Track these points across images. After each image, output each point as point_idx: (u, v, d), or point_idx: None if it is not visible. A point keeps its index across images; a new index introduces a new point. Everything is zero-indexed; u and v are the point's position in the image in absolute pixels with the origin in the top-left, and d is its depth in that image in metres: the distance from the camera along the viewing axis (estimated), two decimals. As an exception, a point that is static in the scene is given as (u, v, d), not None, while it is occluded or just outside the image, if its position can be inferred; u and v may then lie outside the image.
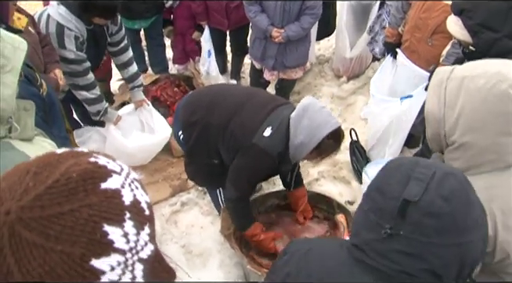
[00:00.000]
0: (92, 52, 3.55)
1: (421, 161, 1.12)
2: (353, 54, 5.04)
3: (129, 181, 0.83)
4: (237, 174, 2.91)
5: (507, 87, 1.36)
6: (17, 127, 1.43)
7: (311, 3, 4.04)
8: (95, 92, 3.60)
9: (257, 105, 2.91)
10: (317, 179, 4.11)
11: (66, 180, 0.75)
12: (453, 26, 2.21)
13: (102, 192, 0.77)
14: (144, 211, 0.84)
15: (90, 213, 0.74)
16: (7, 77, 1.35)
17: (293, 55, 4.34)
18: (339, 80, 5.33)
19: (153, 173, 4.12)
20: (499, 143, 1.40)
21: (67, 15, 3.27)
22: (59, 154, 0.81)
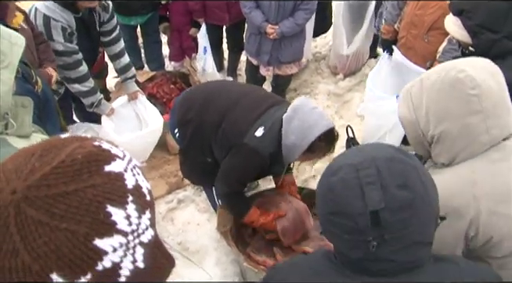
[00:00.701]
0: (86, 44, 3.54)
1: (354, 158, 1.12)
2: (350, 51, 5.03)
3: (131, 167, 0.84)
4: (227, 173, 2.91)
5: (456, 73, 1.45)
6: (13, 124, 1.42)
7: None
8: (87, 85, 3.57)
9: (251, 104, 2.90)
10: (314, 176, 4.11)
11: (71, 162, 0.76)
12: (452, 27, 2.22)
13: (106, 174, 0.78)
14: (145, 196, 0.85)
15: (94, 193, 0.75)
16: (3, 74, 1.35)
17: (288, 51, 4.34)
18: (335, 78, 5.33)
19: (150, 170, 4.11)
20: (467, 124, 1.46)
21: (53, 5, 3.26)
22: (64, 138, 0.83)
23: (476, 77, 1.43)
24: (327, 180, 1.14)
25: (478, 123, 1.45)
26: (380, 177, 1.06)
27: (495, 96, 1.46)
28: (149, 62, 5.22)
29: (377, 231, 1.05)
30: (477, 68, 1.47)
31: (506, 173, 1.47)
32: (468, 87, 1.43)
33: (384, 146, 1.17)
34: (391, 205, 1.04)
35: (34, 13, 3.26)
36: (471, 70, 1.45)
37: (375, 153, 1.11)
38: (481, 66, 1.50)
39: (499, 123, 1.46)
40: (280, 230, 3.08)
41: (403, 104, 1.59)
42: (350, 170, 1.09)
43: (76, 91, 3.57)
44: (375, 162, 1.08)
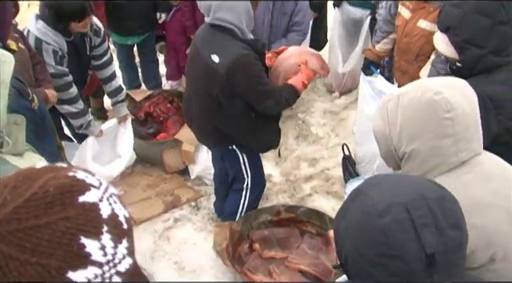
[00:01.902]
0: (76, 66, 3.58)
1: (400, 196, 1.10)
2: (345, 69, 5.08)
3: (107, 195, 0.84)
4: (256, 91, 2.92)
5: (432, 95, 1.47)
6: (9, 142, 1.44)
7: (298, 19, 4.08)
8: (77, 106, 3.61)
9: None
10: (310, 194, 4.12)
11: (43, 194, 0.76)
12: (440, 44, 2.26)
13: (80, 205, 0.78)
14: (122, 225, 0.84)
15: (67, 225, 0.75)
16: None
17: None
18: (331, 96, 5.37)
19: (146, 188, 4.12)
20: (438, 146, 1.49)
21: (45, 29, 3.31)
22: (39, 169, 0.83)
23: (451, 100, 1.46)
24: (376, 222, 1.08)
25: (449, 146, 1.48)
26: (433, 217, 1.05)
27: (467, 119, 1.49)
28: (146, 81, 5.25)
29: (428, 272, 1.05)
30: (453, 90, 1.50)
31: (472, 185, 1.50)
32: (443, 111, 1.46)
33: (422, 181, 1.18)
34: (447, 247, 1.05)
35: (27, 35, 3.30)
36: (448, 92, 1.47)
37: (421, 190, 1.10)
38: (457, 88, 1.53)
39: (469, 146, 1.50)
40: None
41: (379, 117, 1.60)
42: (401, 211, 1.06)
43: (66, 112, 3.61)
44: (426, 202, 1.07)
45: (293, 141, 4.80)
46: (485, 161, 1.55)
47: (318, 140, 4.78)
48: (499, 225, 1.47)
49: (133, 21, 4.56)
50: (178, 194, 4.07)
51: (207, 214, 3.95)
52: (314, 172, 4.36)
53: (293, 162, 4.50)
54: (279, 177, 4.33)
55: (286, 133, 4.88)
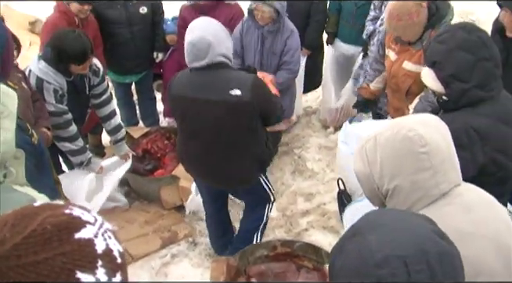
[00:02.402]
0: (74, 104, 3.65)
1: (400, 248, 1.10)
2: (339, 104, 5.17)
3: (102, 231, 0.89)
4: (273, 103, 3.14)
5: (406, 132, 1.52)
6: (13, 172, 1.50)
7: (287, 58, 4.17)
8: (77, 144, 3.67)
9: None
10: (306, 229, 4.14)
11: (42, 231, 0.80)
12: (427, 78, 2.34)
13: (76, 241, 0.83)
14: (116, 259, 0.89)
15: (64, 260, 0.79)
16: (5, 122, 1.44)
17: None
18: (326, 131, 5.44)
19: (144, 225, 4.13)
20: (418, 180, 1.53)
21: (46, 68, 3.41)
22: (37, 206, 0.87)
23: (425, 135, 1.52)
24: (372, 271, 1.08)
25: (428, 179, 1.53)
26: (432, 274, 1.07)
27: (442, 153, 1.54)
28: (144, 118, 5.32)
29: None
30: (426, 126, 1.56)
31: (453, 216, 1.53)
32: (418, 145, 1.51)
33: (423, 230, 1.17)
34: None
35: (28, 75, 3.40)
36: (421, 129, 1.53)
37: (422, 243, 1.11)
38: (431, 125, 1.58)
39: (447, 178, 1.54)
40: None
41: (358, 159, 1.65)
42: (399, 265, 1.07)
43: (66, 149, 3.67)
44: (426, 257, 1.08)
45: (290, 177, 4.84)
46: (465, 192, 1.60)
47: (314, 175, 4.83)
48: (485, 254, 1.50)
49: (131, 60, 4.67)
50: (176, 230, 4.08)
51: (204, 250, 3.95)
52: (310, 207, 4.39)
53: (289, 197, 4.53)
54: (276, 212, 4.35)
55: (283, 168, 4.93)
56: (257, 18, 4.02)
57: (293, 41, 4.16)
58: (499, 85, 2.27)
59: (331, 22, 4.98)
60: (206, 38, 2.77)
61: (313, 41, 4.99)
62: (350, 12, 4.78)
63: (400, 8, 3.12)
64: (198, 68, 2.87)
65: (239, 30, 4.24)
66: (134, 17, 4.53)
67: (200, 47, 2.79)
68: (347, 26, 4.89)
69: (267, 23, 4.05)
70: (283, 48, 4.14)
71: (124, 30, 4.53)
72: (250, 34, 4.18)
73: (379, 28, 4.19)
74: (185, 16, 4.58)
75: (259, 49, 4.16)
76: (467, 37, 2.22)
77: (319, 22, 4.90)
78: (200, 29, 2.83)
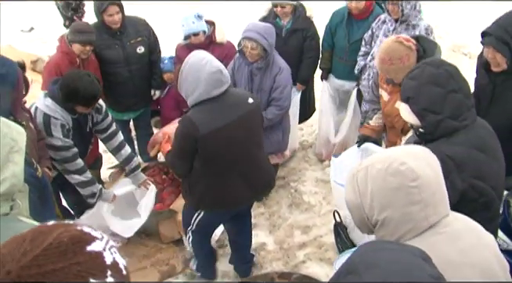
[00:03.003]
0: (78, 140, 3.73)
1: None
2: (337, 139, 5.24)
3: (109, 246, 0.99)
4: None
5: (398, 165, 1.56)
6: (19, 204, 1.58)
7: (276, 95, 4.26)
8: (87, 175, 3.75)
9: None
10: (303, 261, 4.16)
11: (58, 244, 0.91)
12: (404, 112, 2.48)
13: (88, 253, 0.93)
14: (122, 271, 1.00)
15: (78, 269, 0.89)
16: (15, 157, 1.54)
17: (265, 143, 4.44)
18: (322, 164, 5.51)
19: (142, 259, 4.15)
20: (408, 213, 1.56)
21: (53, 105, 3.50)
22: (50, 225, 0.98)
23: (416, 168, 1.56)
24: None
25: (418, 212, 1.56)
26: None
27: (433, 186, 1.58)
28: (142, 153, 5.38)
29: None
30: (417, 159, 1.60)
31: (441, 246, 1.57)
32: (409, 180, 1.55)
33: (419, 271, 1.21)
34: None
35: (34, 112, 3.49)
36: (412, 162, 1.58)
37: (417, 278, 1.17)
38: (421, 157, 1.63)
39: (437, 210, 1.59)
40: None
41: (349, 188, 1.69)
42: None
43: (77, 181, 3.73)
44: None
45: (287, 210, 4.89)
46: (453, 221, 1.64)
47: (310, 208, 4.87)
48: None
49: (129, 98, 4.79)
50: (174, 263, 4.12)
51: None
52: (307, 239, 4.43)
53: (286, 230, 4.58)
54: (273, 245, 4.39)
55: (279, 201, 4.98)
56: (246, 55, 4.15)
57: (282, 77, 4.23)
58: (472, 114, 2.39)
59: (325, 58, 5.09)
60: (220, 66, 3.03)
61: (307, 76, 5.12)
62: (343, 48, 4.90)
63: (391, 52, 3.25)
64: (218, 95, 3.01)
65: (232, 66, 4.36)
66: (131, 57, 4.66)
67: (224, 73, 3.03)
68: (340, 62, 5.00)
69: (256, 60, 4.16)
70: (272, 85, 4.23)
71: (122, 70, 4.66)
72: (240, 70, 4.31)
73: (369, 63, 4.32)
74: (180, 55, 4.72)
75: (249, 86, 4.27)
76: (435, 72, 2.35)
77: (312, 58, 5.02)
78: (211, 59, 3.04)
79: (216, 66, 2.99)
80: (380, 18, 4.41)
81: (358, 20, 4.75)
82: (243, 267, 3.97)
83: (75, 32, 4.18)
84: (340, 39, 4.90)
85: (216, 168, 3.18)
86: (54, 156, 3.55)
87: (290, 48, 4.85)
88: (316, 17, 5.01)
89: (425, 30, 4.07)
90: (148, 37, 4.78)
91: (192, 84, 2.98)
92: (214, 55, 4.53)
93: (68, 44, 4.22)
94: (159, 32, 5.06)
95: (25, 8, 10.82)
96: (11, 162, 1.52)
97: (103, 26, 4.50)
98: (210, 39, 4.61)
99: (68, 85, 3.46)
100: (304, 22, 4.87)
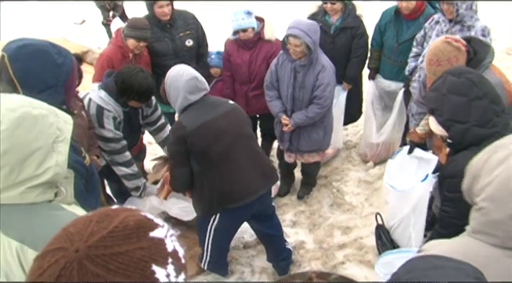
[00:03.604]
0: (126, 132, 3.81)
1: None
2: (380, 139, 5.18)
3: (169, 234, 1.01)
4: None
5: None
6: (63, 191, 1.61)
7: (318, 93, 4.21)
8: (133, 169, 3.84)
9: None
10: (342, 262, 4.12)
11: (123, 227, 0.93)
12: (432, 124, 2.51)
13: (151, 239, 0.95)
14: (181, 260, 1.00)
15: (142, 253, 0.91)
16: (61, 146, 1.56)
17: (306, 141, 4.50)
18: (366, 165, 5.44)
19: (181, 250, 4.19)
20: (507, 223, 1.46)
21: (107, 98, 3.58)
22: (114, 209, 1.00)
23: None
24: None
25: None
26: None
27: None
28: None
29: None
30: None
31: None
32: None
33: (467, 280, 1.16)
34: None
35: (88, 103, 3.58)
36: None
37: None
38: None
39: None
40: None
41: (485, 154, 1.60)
42: None
43: (123, 174, 3.82)
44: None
45: (328, 209, 4.85)
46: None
47: (352, 209, 4.82)
48: None
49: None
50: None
51: (240, 278, 3.99)
52: (347, 240, 4.38)
53: (326, 230, 4.54)
54: (312, 244, 4.36)
55: (321, 201, 4.95)
56: (290, 52, 4.12)
57: (325, 75, 4.18)
58: (502, 120, 2.35)
59: (373, 57, 5.03)
60: (196, 74, 3.37)
61: (354, 75, 5.06)
62: (391, 48, 4.81)
63: (439, 53, 3.17)
64: (197, 100, 3.31)
65: (275, 63, 4.35)
66: (180, 49, 4.73)
67: (200, 80, 3.34)
68: (388, 63, 4.92)
69: (299, 58, 4.13)
70: (314, 83, 4.20)
71: (170, 62, 4.68)
72: (284, 67, 4.28)
73: (420, 65, 4.21)
74: (229, 50, 4.80)
75: (292, 82, 4.24)
76: (457, 81, 2.35)
77: (360, 57, 4.96)
78: (187, 69, 3.39)
79: (191, 74, 3.30)
80: (434, 18, 4.27)
81: (407, 20, 4.66)
82: (281, 264, 3.95)
83: (131, 27, 4.26)
84: (389, 39, 4.82)
85: (212, 163, 3.29)
86: (104, 147, 3.64)
87: (338, 46, 4.82)
88: (366, 16, 4.93)
89: (481, 32, 3.91)
90: (196, 30, 4.84)
91: (175, 93, 3.31)
92: (261, 51, 4.61)
93: (123, 39, 4.30)
94: (206, 27, 5.10)
95: (78, 2, 11.12)
96: (55, 151, 1.54)
97: (154, 19, 4.57)
98: (259, 36, 4.61)
99: (123, 80, 3.53)
100: (354, 20, 4.81)
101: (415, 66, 4.43)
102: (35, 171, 1.49)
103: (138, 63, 4.35)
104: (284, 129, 4.42)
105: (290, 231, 4.54)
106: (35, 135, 1.49)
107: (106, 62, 4.30)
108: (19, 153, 1.46)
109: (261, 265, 4.10)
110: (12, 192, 1.48)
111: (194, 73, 3.33)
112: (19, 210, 1.50)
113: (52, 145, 1.53)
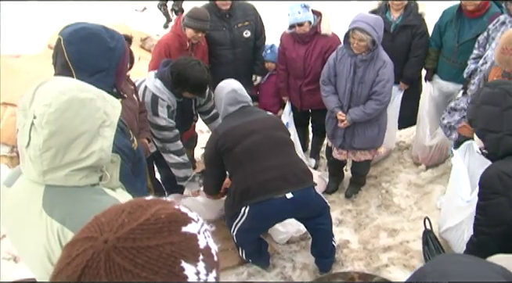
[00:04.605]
0: (180, 120, 3.86)
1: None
2: (432, 142, 5.04)
3: (203, 230, 0.97)
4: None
5: None
6: (108, 176, 1.63)
7: (377, 89, 4.13)
8: (184, 158, 3.91)
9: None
10: (386, 265, 4.04)
11: (155, 220, 0.90)
12: (475, 136, 2.59)
13: (183, 234, 0.92)
14: (213, 257, 0.97)
15: (172, 249, 0.88)
16: (107, 131, 1.58)
17: (360, 138, 4.42)
18: (417, 168, 5.30)
19: (224, 240, 4.20)
20: None
21: (162, 87, 3.64)
22: (148, 200, 0.98)
23: None
24: None
25: None
26: None
27: None
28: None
29: None
30: None
31: None
32: None
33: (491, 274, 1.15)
34: None
35: (144, 91, 3.66)
36: None
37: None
38: None
39: None
40: None
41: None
42: None
43: (174, 161, 3.89)
44: None
45: (375, 210, 4.77)
46: None
47: (400, 211, 4.72)
48: None
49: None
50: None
51: (281, 273, 3.98)
52: (393, 243, 4.29)
53: (372, 230, 4.46)
54: (357, 244, 4.30)
55: (369, 201, 4.88)
56: (353, 46, 4.04)
57: (386, 71, 4.11)
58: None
59: (431, 58, 4.87)
60: (237, 87, 3.71)
61: (411, 75, 4.94)
62: (451, 48, 4.65)
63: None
64: (236, 110, 3.64)
65: (334, 57, 4.29)
66: (237, 40, 4.74)
67: (240, 93, 3.67)
68: (447, 63, 4.76)
69: (361, 52, 4.06)
70: (374, 78, 4.12)
71: (227, 52, 4.75)
72: (343, 61, 4.21)
73: (481, 67, 4.05)
74: (284, 43, 4.77)
75: (351, 77, 4.17)
76: (490, 92, 2.42)
77: (419, 57, 4.83)
78: (231, 82, 3.76)
79: (232, 88, 3.66)
80: (500, 19, 4.08)
81: (470, 19, 4.47)
82: (324, 262, 3.92)
83: (191, 17, 4.28)
84: (450, 39, 4.66)
85: (240, 162, 3.46)
86: (157, 135, 3.70)
87: (398, 44, 4.70)
88: (428, 15, 4.79)
89: None
90: (255, 22, 4.84)
91: (219, 104, 3.73)
92: (317, 46, 4.56)
93: (182, 27, 4.34)
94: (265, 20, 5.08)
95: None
96: (101, 136, 1.56)
97: (213, 8, 4.61)
98: (315, 30, 4.56)
99: (179, 72, 3.58)
100: (415, 18, 4.69)
101: (475, 69, 4.24)
102: (80, 155, 1.51)
103: (196, 52, 4.39)
104: (340, 125, 4.36)
105: (336, 229, 4.48)
106: (82, 119, 1.50)
107: (163, 49, 4.35)
108: (65, 136, 1.48)
109: (303, 261, 4.07)
110: (58, 174, 1.51)
111: (234, 87, 3.66)
112: (63, 192, 1.53)
113: (98, 130, 1.54)
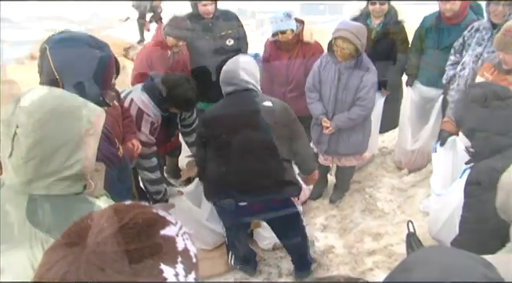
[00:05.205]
0: (163, 133, 3.90)
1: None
2: (414, 147, 5.11)
3: (182, 232, 1.00)
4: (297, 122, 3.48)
5: None
6: (92, 184, 1.64)
7: (362, 95, 4.18)
8: (156, 174, 3.88)
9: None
10: (371, 269, 4.07)
11: (133, 224, 0.92)
12: (461, 136, 2.67)
13: (161, 237, 0.94)
14: (192, 259, 0.99)
15: (150, 252, 0.90)
16: (90, 140, 1.58)
17: (345, 144, 4.46)
18: (400, 172, 5.38)
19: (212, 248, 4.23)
20: None
21: (148, 102, 3.65)
22: (127, 204, 1.00)
23: None
24: None
25: None
26: None
27: None
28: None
29: None
30: None
31: None
32: None
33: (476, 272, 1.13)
34: None
35: (130, 103, 3.65)
36: None
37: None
38: None
39: None
40: None
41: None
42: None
43: (146, 178, 3.86)
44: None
45: (359, 215, 4.81)
46: None
47: (383, 215, 4.77)
48: None
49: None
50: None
51: (267, 279, 4.00)
52: (377, 247, 4.33)
53: (356, 235, 4.50)
54: (342, 249, 4.33)
55: (353, 206, 4.92)
56: (337, 54, 4.10)
57: (370, 78, 4.16)
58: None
59: (412, 64, 4.95)
60: (236, 68, 3.28)
61: (393, 81, 5.01)
62: (431, 54, 4.75)
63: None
64: (231, 92, 3.32)
65: (318, 64, 4.34)
66: (220, 48, 4.77)
67: (236, 75, 3.26)
68: (427, 69, 4.84)
69: (345, 60, 4.12)
70: (358, 85, 4.17)
71: (210, 60, 4.77)
72: (327, 68, 4.26)
73: (459, 73, 4.13)
74: (268, 51, 4.82)
75: (335, 84, 4.22)
76: (479, 92, 2.42)
77: (400, 63, 4.91)
78: (232, 61, 3.35)
79: (230, 68, 3.29)
80: (474, 26, 4.18)
81: (449, 26, 4.57)
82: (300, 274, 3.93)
83: (172, 26, 4.31)
84: (430, 44, 4.75)
85: (213, 153, 3.33)
86: None
87: (379, 50, 4.78)
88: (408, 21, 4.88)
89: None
90: (238, 30, 4.88)
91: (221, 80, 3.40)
92: (300, 54, 4.59)
93: (163, 36, 4.37)
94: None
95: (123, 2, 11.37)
96: (85, 144, 1.56)
97: (197, 17, 4.64)
98: (298, 38, 4.61)
99: (169, 91, 3.62)
100: (395, 26, 4.78)
101: (453, 75, 4.34)
102: (64, 163, 1.51)
103: (177, 61, 4.42)
104: (325, 131, 4.41)
105: (320, 234, 4.53)
106: (66, 128, 1.51)
107: (145, 57, 4.38)
108: (49, 145, 1.48)
109: (289, 267, 4.09)
110: (42, 183, 1.51)
111: (232, 67, 3.29)
112: (46, 202, 1.53)
113: (82, 138, 1.54)
